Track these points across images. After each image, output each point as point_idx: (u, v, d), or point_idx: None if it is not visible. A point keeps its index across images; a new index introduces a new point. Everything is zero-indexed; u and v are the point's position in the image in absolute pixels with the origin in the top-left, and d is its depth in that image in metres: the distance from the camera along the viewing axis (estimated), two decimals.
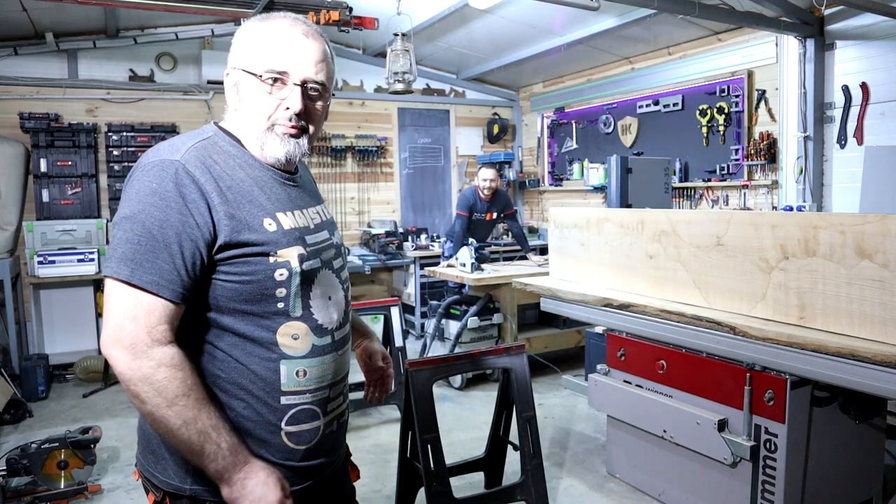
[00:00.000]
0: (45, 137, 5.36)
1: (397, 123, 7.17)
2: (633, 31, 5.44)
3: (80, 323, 5.51)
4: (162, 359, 1.08)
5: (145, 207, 1.11)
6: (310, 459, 1.25)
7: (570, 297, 3.35)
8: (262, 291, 1.17)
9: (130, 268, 1.09)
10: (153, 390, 1.08)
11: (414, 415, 2.57)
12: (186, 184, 1.12)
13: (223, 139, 1.24)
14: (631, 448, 3.19)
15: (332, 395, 1.29)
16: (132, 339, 1.08)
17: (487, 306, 4.82)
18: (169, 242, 1.10)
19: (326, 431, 1.27)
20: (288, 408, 1.21)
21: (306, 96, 1.23)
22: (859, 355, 2.07)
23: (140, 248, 1.10)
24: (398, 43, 4.57)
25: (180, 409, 1.08)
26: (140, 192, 1.12)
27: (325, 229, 1.32)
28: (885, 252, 2.07)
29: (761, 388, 2.49)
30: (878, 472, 2.82)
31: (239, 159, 1.23)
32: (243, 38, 1.24)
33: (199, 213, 1.12)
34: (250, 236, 1.16)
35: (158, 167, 1.13)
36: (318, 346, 1.24)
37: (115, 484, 3.32)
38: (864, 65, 4.54)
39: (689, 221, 2.83)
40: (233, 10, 4.38)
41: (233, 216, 1.15)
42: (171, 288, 1.10)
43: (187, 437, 1.09)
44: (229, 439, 1.12)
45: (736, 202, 5.33)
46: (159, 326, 1.10)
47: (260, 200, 1.20)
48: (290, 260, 1.18)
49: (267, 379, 1.19)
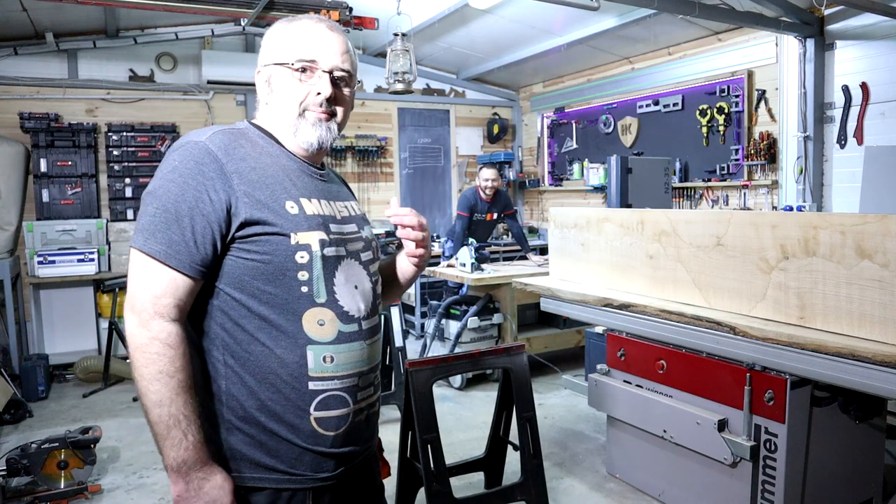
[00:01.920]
0: (45, 137, 5.36)
1: (397, 123, 7.18)
2: (633, 31, 5.44)
3: (80, 323, 5.51)
4: (159, 333, 1.14)
5: (165, 184, 1.18)
6: (339, 446, 1.27)
7: (570, 297, 3.35)
8: (283, 272, 1.20)
9: (144, 237, 1.16)
10: (143, 360, 1.13)
11: (414, 415, 2.57)
12: (206, 162, 1.19)
13: (253, 131, 1.31)
14: (631, 448, 3.19)
15: (362, 384, 1.30)
16: (140, 307, 1.15)
17: (487, 306, 4.82)
18: (181, 216, 1.16)
19: (356, 420, 1.29)
20: (316, 393, 1.23)
21: (334, 83, 1.30)
22: (859, 355, 2.07)
23: (156, 220, 1.16)
24: (398, 43, 4.56)
25: (160, 386, 1.12)
26: (164, 169, 1.20)
27: (353, 223, 1.36)
28: (885, 252, 2.07)
29: (761, 388, 2.49)
30: (878, 472, 2.82)
31: (267, 149, 1.29)
32: (272, 38, 1.32)
33: (214, 190, 1.17)
34: (270, 216, 1.20)
35: (185, 147, 1.21)
36: (345, 332, 1.26)
37: (115, 484, 3.32)
38: (864, 65, 4.54)
39: (689, 221, 2.83)
40: (233, 10, 4.37)
41: (251, 195, 1.20)
42: (178, 258, 1.15)
43: (157, 415, 1.13)
44: (197, 435, 1.15)
45: (736, 202, 5.33)
46: (164, 299, 1.15)
47: (285, 184, 1.25)
48: (311, 244, 1.22)
49: (294, 363, 1.22)
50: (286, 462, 1.22)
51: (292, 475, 1.23)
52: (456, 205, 6.36)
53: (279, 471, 1.22)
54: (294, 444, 1.22)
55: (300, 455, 1.23)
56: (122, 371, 5.07)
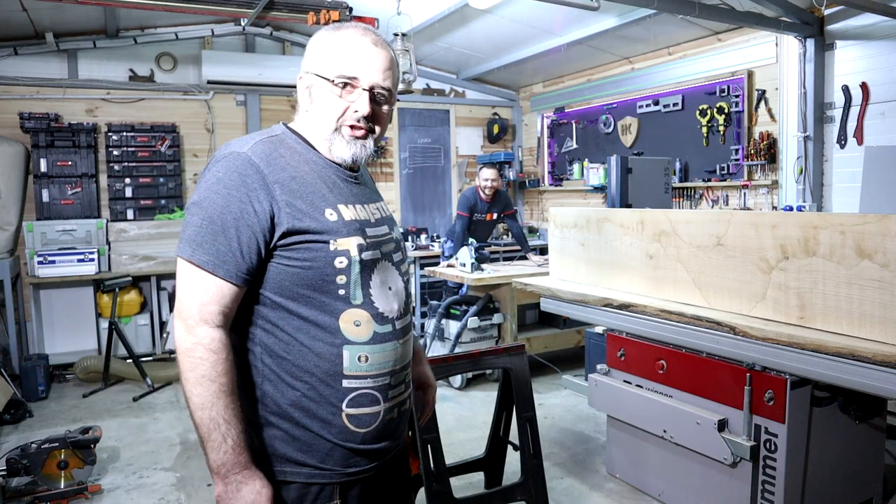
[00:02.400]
0: (45, 137, 5.36)
1: (397, 123, 7.17)
2: (633, 31, 5.44)
3: (80, 323, 5.51)
4: (203, 339, 1.17)
5: (210, 195, 1.21)
6: (369, 443, 1.30)
7: (570, 297, 3.35)
8: (322, 277, 1.23)
9: (192, 248, 1.20)
10: (188, 365, 1.17)
11: (414, 415, 2.56)
12: (250, 174, 1.21)
13: (291, 137, 1.32)
14: (631, 448, 3.19)
15: (394, 382, 1.33)
16: (187, 313, 1.19)
17: (487, 306, 4.82)
18: (227, 227, 1.19)
19: (387, 417, 1.32)
20: (349, 391, 1.26)
21: (373, 100, 1.31)
22: (859, 355, 2.07)
23: (202, 231, 1.20)
24: (398, 43, 4.56)
25: (202, 390, 1.16)
26: (208, 180, 1.23)
27: (385, 224, 1.38)
28: (885, 252, 2.07)
29: (761, 388, 2.49)
30: (878, 472, 2.83)
31: (304, 155, 1.31)
32: (317, 45, 1.33)
33: (258, 201, 1.20)
34: (311, 224, 1.23)
35: (228, 159, 1.23)
36: (380, 333, 1.29)
37: (115, 484, 3.33)
38: (864, 65, 4.54)
39: (689, 221, 2.83)
40: (233, 10, 4.38)
41: (293, 205, 1.22)
42: (225, 268, 1.19)
43: (200, 418, 1.17)
44: (237, 438, 1.18)
45: (736, 202, 5.33)
46: (210, 306, 1.19)
47: (322, 192, 1.28)
48: (350, 249, 1.25)
49: (330, 362, 1.25)
50: (317, 457, 1.26)
51: (322, 469, 1.26)
52: (456, 205, 6.36)
53: (309, 465, 1.25)
54: (325, 440, 1.25)
55: (331, 450, 1.26)
56: (122, 371, 5.07)
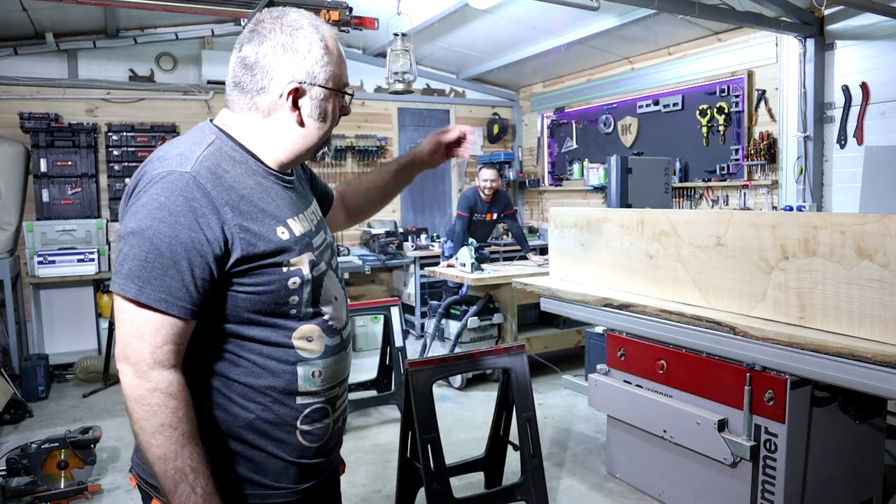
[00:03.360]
0: (45, 137, 5.36)
1: (397, 123, 7.17)
2: (633, 31, 5.44)
3: (80, 323, 5.51)
4: (159, 383, 1.07)
5: (153, 223, 1.07)
6: (320, 457, 1.27)
7: (570, 297, 3.35)
8: (276, 300, 1.17)
9: (138, 286, 1.07)
10: (143, 413, 1.07)
11: (414, 415, 2.57)
12: (197, 197, 1.09)
13: (227, 144, 1.20)
14: (631, 448, 3.19)
15: (340, 392, 1.31)
16: (137, 358, 1.07)
17: (487, 306, 4.82)
18: (178, 259, 1.07)
19: (334, 428, 1.29)
20: (303, 407, 1.22)
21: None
22: (859, 355, 2.07)
23: (148, 265, 1.07)
24: (398, 43, 4.56)
25: (163, 439, 1.06)
26: (147, 205, 1.08)
27: (322, 229, 1.32)
28: (885, 252, 2.07)
29: (761, 388, 2.49)
30: (878, 472, 2.82)
31: (245, 165, 1.20)
32: (310, 49, 1.19)
33: (209, 227, 1.09)
34: (265, 247, 1.14)
35: (167, 179, 1.09)
36: (331, 346, 1.25)
37: (115, 484, 3.32)
38: (864, 65, 4.54)
39: (689, 221, 2.83)
40: (233, 10, 4.37)
41: (247, 229, 1.13)
42: (179, 305, 1.08)
43: (163, 470, 1.07)
44: (206, 486, 1.09)
45: (736, 202, 5.33)
46: (164, 347, 1.08)
47: (271, 209, 1.19)
48: (302, 267, 1.19)
49: (285, 381, 1.19)
50: (271, 476, 1.20)
51: (276, 489, 1.21)
52: (456, 205, 6.36)
53: (264, 485, 1.20)
54: (280, 459, 1.20)
55: (285, 469, 1.21)
56: None
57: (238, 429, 1.18)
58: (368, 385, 4.36)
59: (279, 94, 1.18)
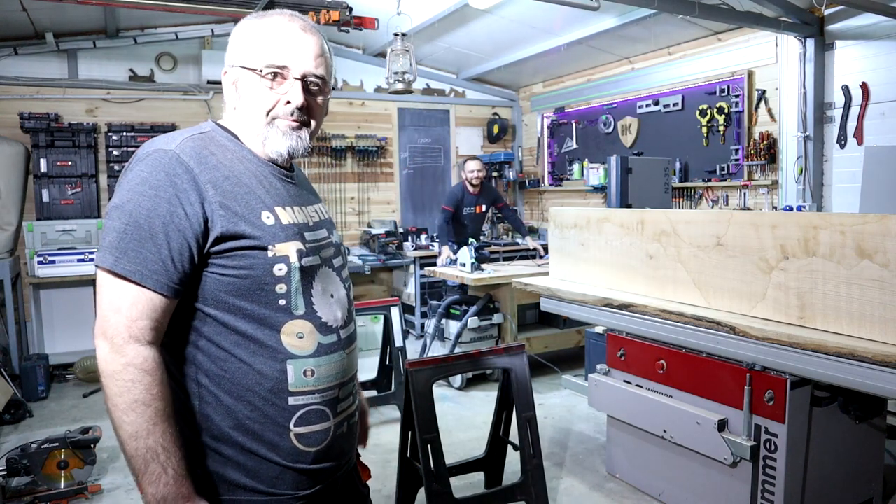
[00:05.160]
0: (45, 137, 5.36)
1: (397, 123, 7.17)
2: (633, 31, 5.44)
3: (80, 323, 5.50)
4: (134, 359, 1.06)
5: (134, 196, 1.09)
6: (320, 462, 1.22)
7: (570, 297, 3.35)
8: (261, 286, 1.14)
9: (115, 256, 1.08)
10: (117, 389, 1.06)
11: (414, 415, 2.57)
12: (178, 173, 1.11)
13: (221, 134, 1.23)
14: (631, 448, 3.19)
15: (342, 395, 1.26)
16: (113, 332, 1.07)
17: (487, 306, 4.82)
18: (155, 232, 1.08)
19: (337, 433, 1.24)
20: (296, 408, 1.18)
21: (307, 90, 1.22)
22: (859, 355, 2.07)
23: (126, 237, 1.08)
24: (398, 43, 4.56)
25: (136, 416, 1.05)
26: (131, 181, 1.11)
27: (324, 227, 1.30)
28: (885, 252, 2.07)
29: (761, 388, 2.49)
30: (878, 472, 2.83)
31: (237, 153, 1.21)
32: (241, 36, 1.24)
33: (189, 203, 1.10)
34: (247, 228, 1.13)
35: (152, 157, 1.12)
36: (325, 344, 1.21)
37: (115, 484, 3.32)
38: (864, 65, 4.54)
39: (689, 221, 2.83)
40: (233, 10, 4.38)
41: (228, 207, 1.13)
42: (155, 278, 1.08)
43: (134, 448, 1.06)
44: (178, 467, 1.08)
45: (736, 202, 5.33)
46: (140, 321, 1.07)
47: (258, 193, 1.18)
48: (289, 255, 1.16)
49: (274, 379, 1.16)
50: (266, 482, 1.17)
51: (272, 495, 1.17)
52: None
53: (259, 491, 1.16)
54: (274, 463, 1.17)
55: (280, 474, 1.18)
56: None
57: (229, 430, 1.15)
58: (368, 385, 4.36)
59: (226, 83, 1.26)
